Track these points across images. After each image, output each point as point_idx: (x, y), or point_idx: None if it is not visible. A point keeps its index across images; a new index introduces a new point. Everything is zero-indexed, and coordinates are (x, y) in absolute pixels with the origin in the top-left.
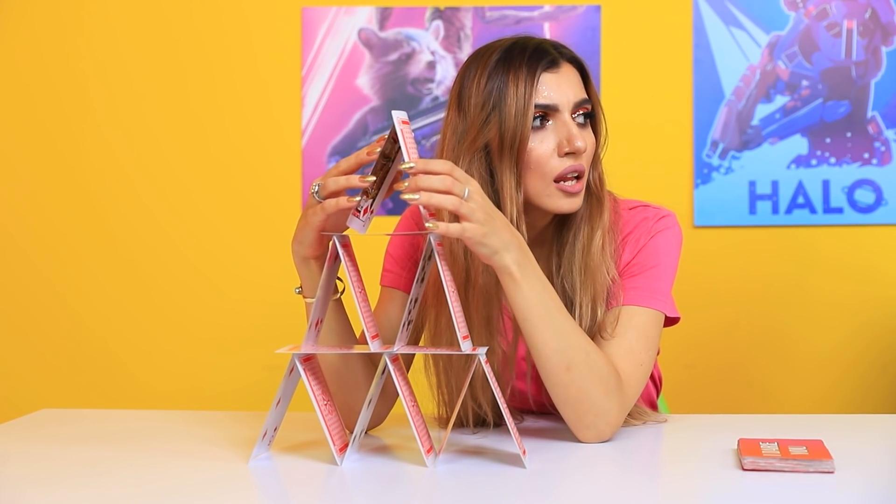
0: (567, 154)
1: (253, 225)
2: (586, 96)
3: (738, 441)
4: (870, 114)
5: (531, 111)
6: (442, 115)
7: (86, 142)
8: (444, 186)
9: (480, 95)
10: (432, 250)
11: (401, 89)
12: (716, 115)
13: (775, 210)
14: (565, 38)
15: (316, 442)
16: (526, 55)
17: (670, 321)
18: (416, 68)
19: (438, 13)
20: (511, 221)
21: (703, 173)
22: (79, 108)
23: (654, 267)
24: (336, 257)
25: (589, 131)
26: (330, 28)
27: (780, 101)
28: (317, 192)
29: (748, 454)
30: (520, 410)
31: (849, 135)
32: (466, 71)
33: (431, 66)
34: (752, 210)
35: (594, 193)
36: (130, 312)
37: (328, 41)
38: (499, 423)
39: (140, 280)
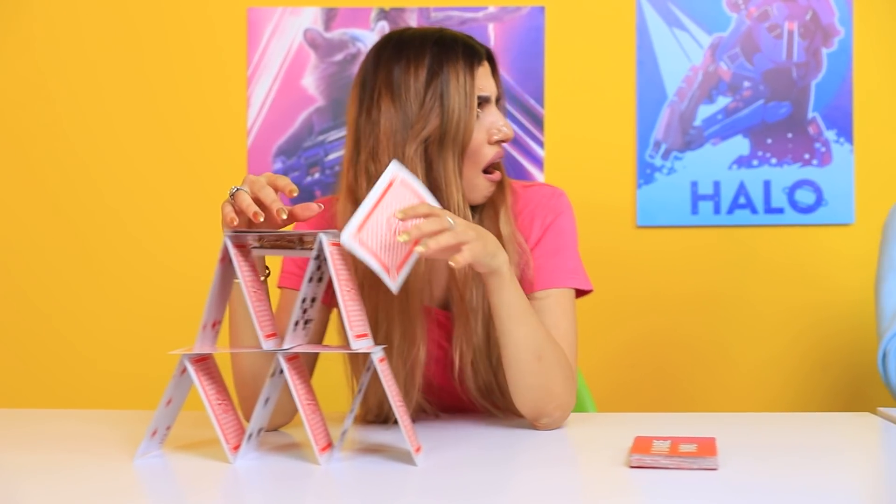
0: (496, 142)
1: (199, 225)
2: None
3: (634, 439)
4: (810, 115)
5: (475, 102)
6: None
7: (34, 146)
8: (438, 227)
9: (420, 87)
10: (322, 252)
11: (346, 90)
12: (658, 116)
13: (717, 210)
14: (510, 39)
15: (213, 441)
16: (459, 49)
17: (582, 293)
18: None
19: (384, 14)
20: (458, 209)
21: (645, 174)
22: (27, 116)
23: (566, 246)
24: (226, 258)
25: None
26: (275, 28)
27: (723, 101)
28: (231, 190)
29: (636, 451)
30: (444, 408)
31: (790, 136)
32: (390, 61)
33: None
34: (695, 210)
35: (502, 181)
36: (87, 311)
37: (274, 41)
38: (414, 420)
39: (88, 278)
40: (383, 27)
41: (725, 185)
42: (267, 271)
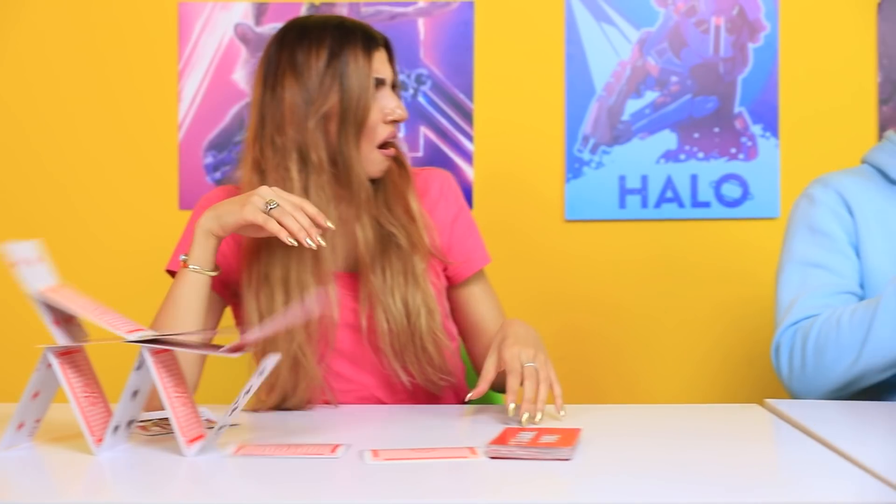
0: (390, 122)
1: (130, 220)
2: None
3: (503, 430)
4: (737, 109)
5: (372, 83)
6: None
7: None
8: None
9: (321, 67)
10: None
11: None
12: (587, 111)
13: (644, 204)
14: (439, 34)
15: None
16: (358, 35)
17: None
18: None
19: (314, 9)
20: (358, 179)
21: (574, 168)
22: None
23: (473, 226)
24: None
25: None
26: (206, 23)
27: (650, 96)
28: (270, 203)
29: (495, 442)
30: (348, 391)
31: (716, 130)
32: (293, 44)
33: None
34: (622, 204)
35: (399, 158)
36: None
37: (204, 36)
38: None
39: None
40: None
41: (653, 179)
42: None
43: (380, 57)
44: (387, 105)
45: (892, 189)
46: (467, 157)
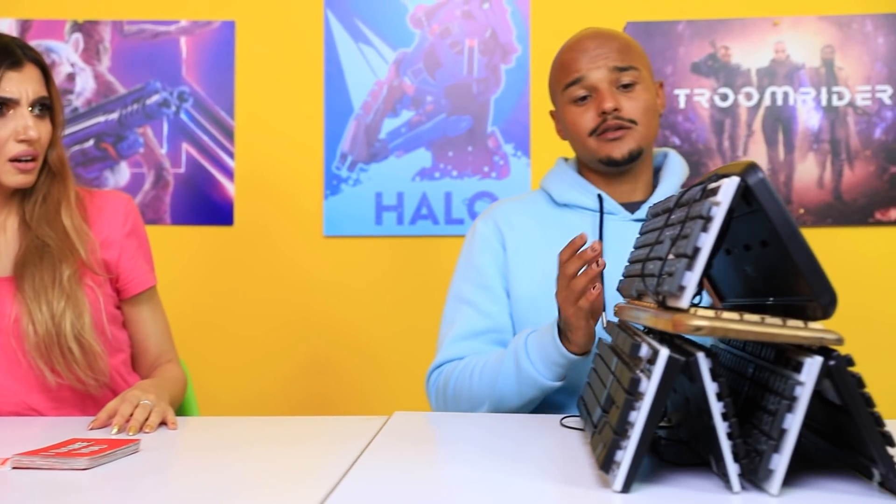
0: (22, 140)
1: None
2: (46, 94)
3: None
4: (490, 129)
5: None
6: (84, 124)
7: None
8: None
9: None
10: None
11: None
12: (345, 129)
13: (400, 221)
14: (201, 52)
15: None
16: None
17: None
18: (56, 80)
19: (77, 26)
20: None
21: (332, 185)
22: None
23: (144, 247)
24: None
25: (47, 121)
26: None
27: (406, 115)
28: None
29: (23, 454)
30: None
31: (470, 149)
32: None
33: (71, 77)
34: (379, 221)
35: (57, 172)
36: None
37: None
38: None
39: None
40: (78, 39)
41: (409, 196)
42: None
43: (15, 76)
44: (16, 126)
45: (558, 211)
46: (228, 173)
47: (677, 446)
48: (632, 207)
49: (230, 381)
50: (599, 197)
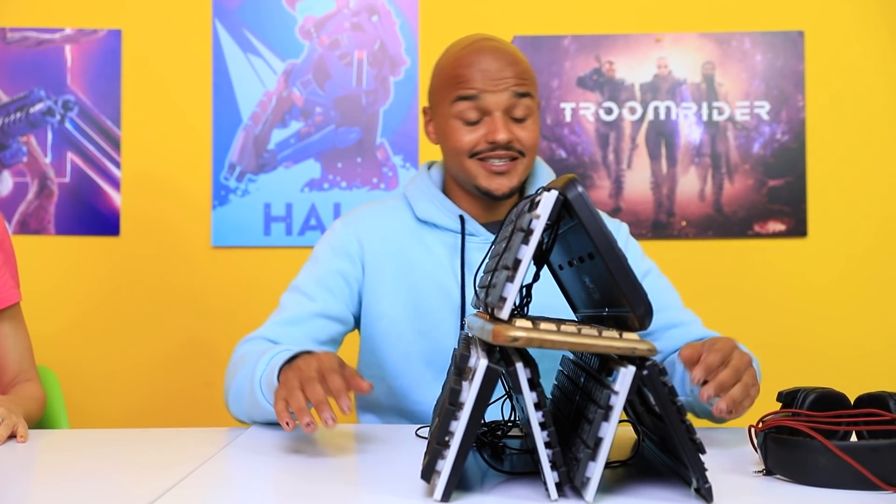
0: None
1: None
2: None
3: None
4: (378, 140)
5: None
6: None
7: None
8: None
9: None
10: None
11: None
12: (234, 139)
13: (289, 231)
14: (87, 61)
15: None
16: None
17: None
18: None
19: None
20: None
21: (220, 195)
22: None
23: (10, 265)
24: None
25: None
26: None
27: (295, 126)
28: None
29: None
30: None
31: (359, 160)
32: None
33: None
34: (267, 231)
35: None
36: None
37: None
38: None
39: None
40: None
41: (297, 207)
42: None
43: None
44: None
45: (419, 228)
46: (115, 183)
47: (525, 456)
48: (495, 227)
49: (115, 394)
50: (461, 218)
